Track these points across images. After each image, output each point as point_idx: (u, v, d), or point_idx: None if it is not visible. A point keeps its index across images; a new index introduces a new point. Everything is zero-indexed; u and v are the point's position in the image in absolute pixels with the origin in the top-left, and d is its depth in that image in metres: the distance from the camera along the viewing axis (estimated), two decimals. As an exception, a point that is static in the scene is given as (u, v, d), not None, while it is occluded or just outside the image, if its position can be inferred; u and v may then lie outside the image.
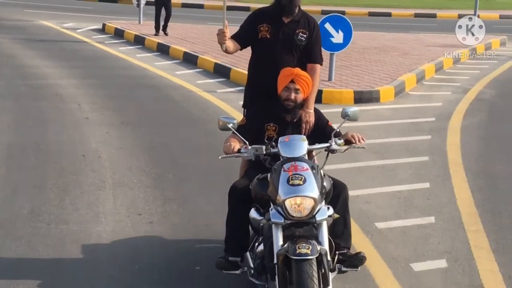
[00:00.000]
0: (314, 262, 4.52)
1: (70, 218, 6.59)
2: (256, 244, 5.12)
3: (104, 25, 21.98)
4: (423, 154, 9.12)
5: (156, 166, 8.25)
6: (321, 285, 4.56)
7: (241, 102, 6.04)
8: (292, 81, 5.35)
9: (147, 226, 6.49)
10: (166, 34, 19.55)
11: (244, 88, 6.13)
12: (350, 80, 13.60)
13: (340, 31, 13.03)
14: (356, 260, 5.20)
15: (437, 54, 17.89)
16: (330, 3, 31.48)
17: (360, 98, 12.48)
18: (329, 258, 4.71)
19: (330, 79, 13.35)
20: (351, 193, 5.47)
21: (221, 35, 5.60)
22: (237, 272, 5.20)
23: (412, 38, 21.83)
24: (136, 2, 22.11)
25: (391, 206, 7.23)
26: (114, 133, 9.71)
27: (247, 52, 5.95)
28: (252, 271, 5.06)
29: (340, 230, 5.20)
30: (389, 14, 30.51)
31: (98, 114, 10.76)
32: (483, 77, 15.97)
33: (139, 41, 19.25)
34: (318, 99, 10.25)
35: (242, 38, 5.81)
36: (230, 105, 11.59)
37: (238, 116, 8.85)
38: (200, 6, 30.91)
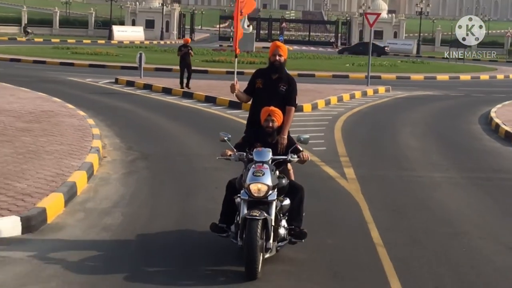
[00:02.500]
0: (260, 223, 7.27)
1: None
2: (237, 219, 7.82)
3: (116, 79, 31.63)
4: (322, 132, 19.05)
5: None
6: (264, 239, 7.39)
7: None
8: (269, 115, 8.23)
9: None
10: (189, 88, 27.29)
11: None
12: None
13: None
14: (300, 234, 8.02)
15: (341, 93, 28.20)
16: (303, 68, 42.12)
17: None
18: (273, 224, 7.49)
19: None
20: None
21: (232, 87, 8.80)
22: (223, 235, 8.02)
23: (324, 87, 31.95)
24: (138, 63, 31.90)
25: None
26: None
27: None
28: (233, 235, 7.89)
29: (295, 215, 8.07)
30: (313, 75, 40.86)
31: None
32: (364, 104, 26.39)
33: (166, 91, 27.76)
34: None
35: (248, 91, 8.87)
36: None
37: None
38: (205, 72, 39.75)
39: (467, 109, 25.86)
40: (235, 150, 8.15)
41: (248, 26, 65.08)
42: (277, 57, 8.67)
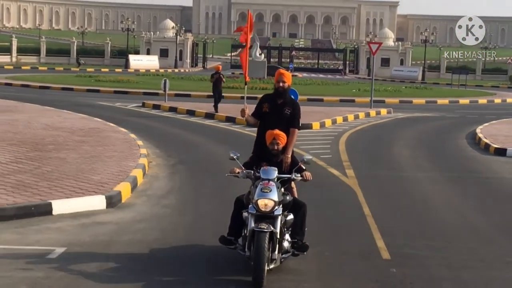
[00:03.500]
0: (267, 235, 7.98)
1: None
2: (244, 232, 8.52)
3: (143, 103, 35.02)
4: (328, 145, 22.31)
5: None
6: (270, 251, 8.09)
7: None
8: (274, 138, 8.98)
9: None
10: (216, 111, 29.99)
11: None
12: (301, 117, 26.89)
13: (292, 95, 26.32)
14: (302, 247, 8.70)
15: (346, 114, 31.47)
16: (312, 93, 45.75)
17: (305, 125, 25.66)
18: (278, 236, 8.15)
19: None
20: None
21: (242, 111, 9.59)
22: (231, 247, 8.70)
23: (331, 109, 35.20)
24: (163, 89, 35.29)
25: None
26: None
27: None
28: (241, 247, 8.55)
29: (298, 230, 8.77)
30: (321, 100, 44.16)
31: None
32: (366, 123, 29.67)
33: (190, 113, 31.11)
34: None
35: (256, 114, 9.69)
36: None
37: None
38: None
39: (459, 128, 29.03)
40: (243, 168, 8.96)
41: (260, 54, 68.64)
42: (281, 84, 9.52)
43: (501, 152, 20.89)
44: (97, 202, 12.15)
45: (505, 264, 9.60)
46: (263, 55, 72.23)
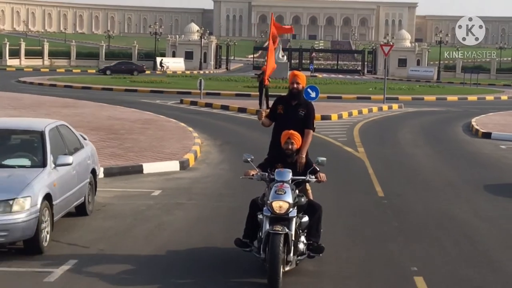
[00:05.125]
0: (282, 238, 8.06)
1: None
2: (260, 234, 8.62)
3: (181, 100, 39.58)
4: (344, 131, 26.72)
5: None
6: (285, 253, 8.17)
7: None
8: (288, 138, 9.08)
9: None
10: (268, 108, 34.25)
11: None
12: (321, 111, 31.29)
13: (314, 91, 30.75)
14: (318, 249, 8.83)
15: (361, 108, 35.87)
16: (331, 92, 49.88)
17: (325, 116, 30.08)
18: (293, 238, 8.27)
19: (310, 113, 31.01)
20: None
21: (259, 114, 9.87)
22: (247, 250, 8.81)
23: (348, 104, 39.57)
24: (199, 87, 39.81)
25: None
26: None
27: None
28: (256, 249, 8.66)
29: (313, 232, 8.94)
30: (340, 97, 48.58)
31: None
32: (379, 116, 34.15)
33: (224, 108, 35.45)
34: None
35: (270, 116, 9.86)
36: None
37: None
38: (248, 95, 48.20)
39: (459, 119, 33.27)
40: (257, 170, 9.06)
41: (283, 56, 73.12)
42: (295, 85, 9.64)
43: (487, 135, 25.36)
44: (173, 165, 16.70)
45: (464, 200, 14.08)
46: (285, 57, 76.64)
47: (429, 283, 8.67)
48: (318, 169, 9.13)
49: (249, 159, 9.10)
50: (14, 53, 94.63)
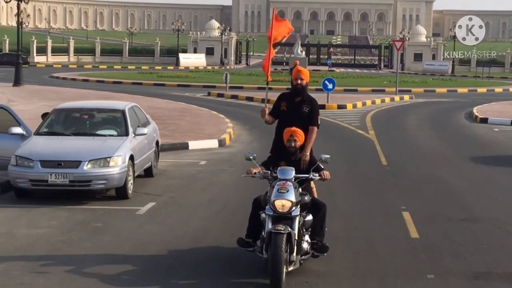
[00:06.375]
0: (285, 237, 7.86)
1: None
2: (262, 233, 8.43)
3: (209, 92, 42.96)
4: (358, 117, 29.99)
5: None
6: (288, 252, 7.96)
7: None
8: (291, 135, 8.91)
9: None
10: None
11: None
12: (338, 101, 34.52)
13: (331, 83, 33.98)
14: (322, 248, 8.65)
15: (374, 98, 39.09)
16: (348, 85, 52.99)
17: (341, 106, 33.37)
18: (296, 238, 8.04)
19: (327, 102, 34.19)
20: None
21: (263, 111, 9.55)
22: (250, 249, 8.65)
23: (363, 96, 42.72)
24: (225, 81, 43.08)
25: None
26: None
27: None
28: (259, 249, 8.50)
29: (317, 231, 8.76)
30: (356, 90, 51.72)
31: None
32: (390, 105, 37.42)
33: (249, 99, 38.75)
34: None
35: (273, 113, 9.55)
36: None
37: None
38: (270, 89, 51.56)
39: (463, 108, 36.39)
40: (260, 168, 8.84)
41: (301, 51, 76.46)
42: (299, 81, 9.36)
43: (484, 120, 28.77)
44: (213, 143, 20.17)
45: (451, 167, 17.37)
46: (303, 52, 79.88)
47: (413, 216, 11.93)
48: (322, 167, 8.94)
49: (251, 157, 8.97)
50: (40, 50, 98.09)
